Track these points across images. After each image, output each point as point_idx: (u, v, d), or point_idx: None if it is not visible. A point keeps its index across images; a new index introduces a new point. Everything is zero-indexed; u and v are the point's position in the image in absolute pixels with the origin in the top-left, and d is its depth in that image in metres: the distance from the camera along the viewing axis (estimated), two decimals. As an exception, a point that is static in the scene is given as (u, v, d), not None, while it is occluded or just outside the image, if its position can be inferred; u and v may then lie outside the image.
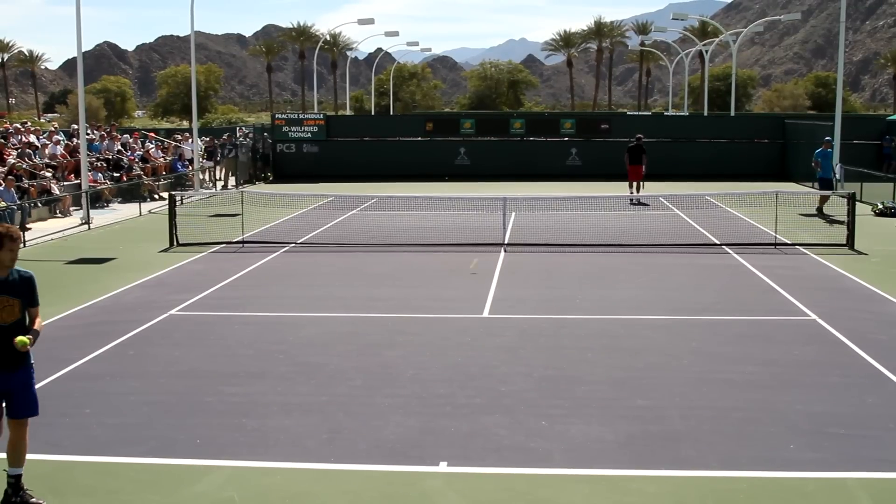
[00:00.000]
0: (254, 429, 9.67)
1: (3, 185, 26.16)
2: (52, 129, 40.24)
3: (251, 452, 8.99)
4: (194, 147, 39.86)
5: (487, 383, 11.24)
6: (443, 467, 8.69)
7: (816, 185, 29.45)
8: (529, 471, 8.61)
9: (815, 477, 8.43)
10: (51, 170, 31.33)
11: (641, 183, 33.22)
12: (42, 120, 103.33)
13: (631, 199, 30.74)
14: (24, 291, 8.02)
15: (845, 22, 36.65)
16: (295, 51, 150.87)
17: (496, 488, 8.27)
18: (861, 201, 27.75)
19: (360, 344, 13.23)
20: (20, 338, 7.74)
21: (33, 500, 7.92)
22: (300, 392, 10.94)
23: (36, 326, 8.00)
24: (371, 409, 10.29)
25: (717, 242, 22.47)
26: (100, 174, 32.83)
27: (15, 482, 7.92)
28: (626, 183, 33.82)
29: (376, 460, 8.85)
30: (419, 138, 45.10)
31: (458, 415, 10.11)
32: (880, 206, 28.12)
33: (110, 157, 35.53)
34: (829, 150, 28.02)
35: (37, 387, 11.18)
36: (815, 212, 27.35)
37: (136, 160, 36.75)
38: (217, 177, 41.61)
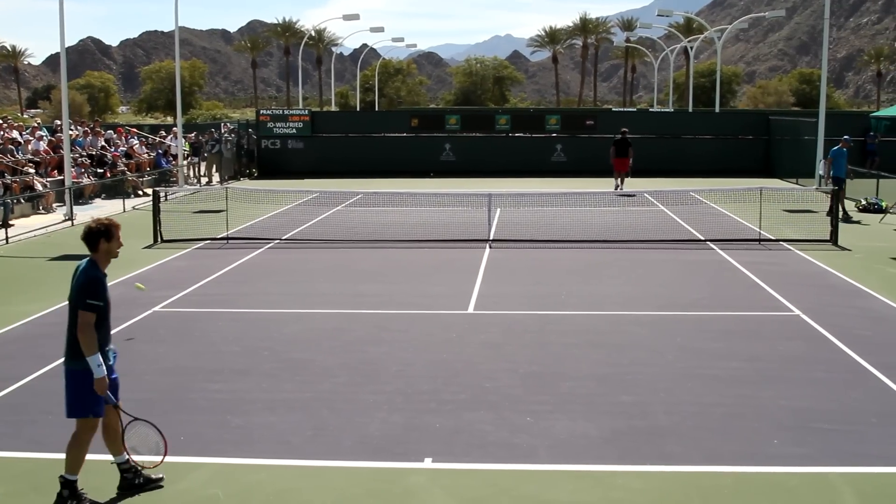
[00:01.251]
0: (238, 426, 9.65)
1: (-14, 181, 26.05)
2: (35, 124, 40.05)
3: (236, 449, 8.97)
4: (178, 143, 39.73)
5: (472, 379, 11.24)
6: (427, 463, 8.69)
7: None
8: (514, 467, 8.62)
9: (799, 472, 8.46)
10: (34, 166, 31.18)
11: (625, 176, 34.25)
12: (25, 116, 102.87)
13: (616, 189, 32.37)
14: None
15: (829, 19, 36.76)
16: (280, 46, 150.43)
17: (481, 484, 8.27)
18: (845, 197, 27.83)
19: (345, 340, 13.22)
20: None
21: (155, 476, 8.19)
22: (285, 389, 10.92)
23: None
24: (356, 406, 10.28)
25: (702, 238, 22.52)
26: (83, 170, 32.69)
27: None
28: (612, 179, 34.86)
29: (361, 457, 8.84)
30: (404, 134, 45.00)
31: (442, 411, 10.11)
32: (864, 203, 28.21)
33: (94, 153, 35.38)
34: (846, 149, 27.65)
35: (19, 384, 11.22)
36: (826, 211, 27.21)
37: (120, 156, 36.61)
38: (201, 173, 41.50)
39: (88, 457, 8.79)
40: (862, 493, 8.01)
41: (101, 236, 7.86)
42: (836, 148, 27.90)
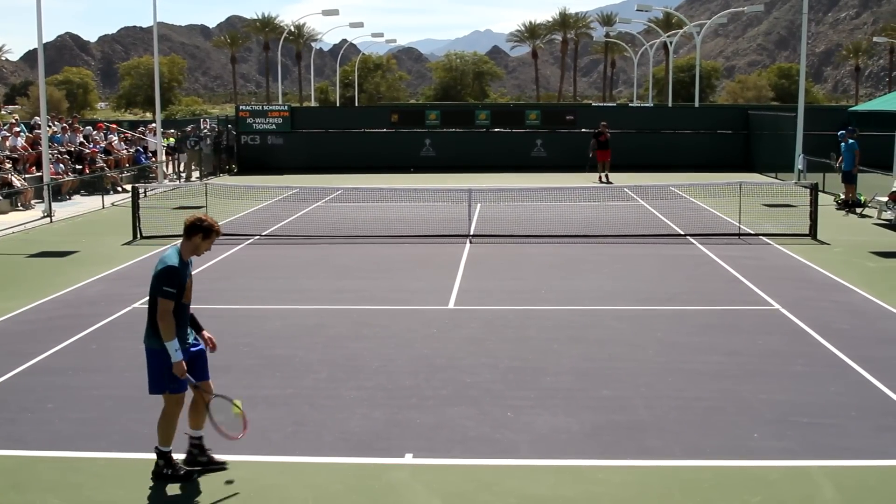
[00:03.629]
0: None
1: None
2: (13, 121, 39.78)
3: (216, 446, 8.91)
4: (157, 139, 39.56)
5: (453, 375, 11.24)
6: (408, 459, 8.68)
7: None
8: (495, 462, 8.62)
9: (779, 465, 8.49)
10: (11, 162, 30.99)
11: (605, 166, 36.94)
12: (3, 112, 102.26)
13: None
14: None
15: (808, 14, 36.90)
16: (259, 42, 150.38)
17: (462, 480, 8.27)
18: (824, 191, 27.97)
19: (326, 336, 13.19)
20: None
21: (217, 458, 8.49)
22: (265, 385, 10.89)
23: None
24: (336, 402, 10.26)
25: (682, 233, 22.57)
26: (61, 166, 32.51)
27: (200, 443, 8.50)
28: (591, 174, 37.05)
29: (342, 453, 8.83)
30: (384, 130, 44.98)
31: (423, 406, 10.10)
32: (842, 197, 28.30)
33: (72, 149, 35.19)
34: (850, 142, 27.48)
35: (-2, 381, 11.14)
36: (838, 205, 27.48)
37: (99, 152, 36.39)
38: (181, 169, 41.36)
39: (69, 454, 8.81)
40: (842, 487, 8.04)
41: (201, 231, 8.28)
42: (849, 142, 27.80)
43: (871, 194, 26.58)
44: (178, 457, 8.32)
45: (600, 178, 36.18)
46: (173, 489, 8.09)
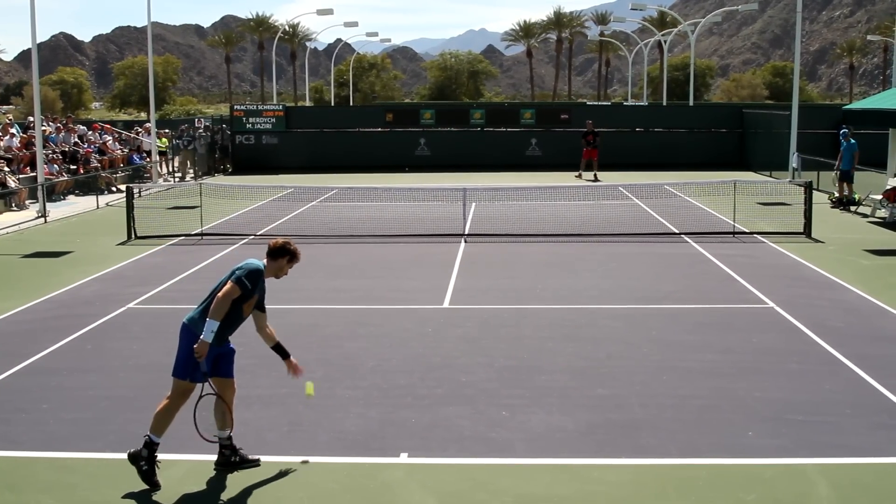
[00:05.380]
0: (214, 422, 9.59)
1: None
2: (7, 121, 39.70)
3: (211, 446, 8.91)
4: (152, 139, 39.51)
5: (448, 374, 11.24)
6: (404, 458, 8.69)
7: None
8: (491, 461, 8.63)
9: (774, 463, 8.50)
10: (5, 162, 30.94)
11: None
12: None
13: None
14: None
15: (802, 12, 36.95)
16: (254, 41, 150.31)
17: (457, 479, 8.27)
18: (818, 190, 27.99)
19: (321, 336, 13.20)
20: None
21: (250, 457, 8.54)
22: (261, 385, 10.87)
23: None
24: (332, 401, 10.26)
25: (676, 231, 22.58)
26: (56, 166, 32.47)
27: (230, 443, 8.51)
28: (586, 172, 37.88)
29: (337, 452, 8.83)
30: (379, 129, 44.93)
31: (419, 406, 10.11)
32: (836, 195, 28.33)
33: (67, 149, 35.14)
34: (851, 142, 27.40)
35: (-7, 382, 11.13)
36: (833, 203, 27.61)
37: (93, 152, 36.34)
38: (175, 168, 41.30)
39: (64, 455, 8.79)
40: (836, 484, 8.06)
41: (288, 255, 8.90)
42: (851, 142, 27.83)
43: (866, 192, 26.61)
44: (179, 457, 8.31)
45: (581, 174, 36.77)
46: (169, 490, 8.08)
